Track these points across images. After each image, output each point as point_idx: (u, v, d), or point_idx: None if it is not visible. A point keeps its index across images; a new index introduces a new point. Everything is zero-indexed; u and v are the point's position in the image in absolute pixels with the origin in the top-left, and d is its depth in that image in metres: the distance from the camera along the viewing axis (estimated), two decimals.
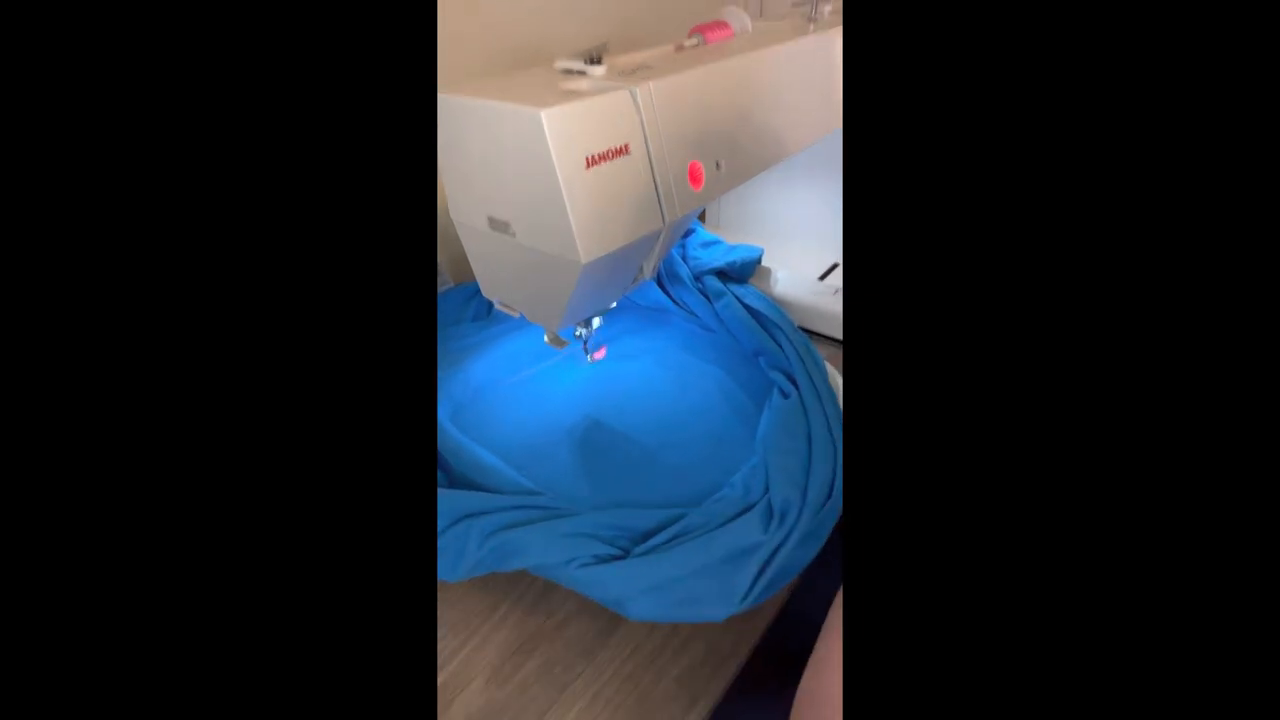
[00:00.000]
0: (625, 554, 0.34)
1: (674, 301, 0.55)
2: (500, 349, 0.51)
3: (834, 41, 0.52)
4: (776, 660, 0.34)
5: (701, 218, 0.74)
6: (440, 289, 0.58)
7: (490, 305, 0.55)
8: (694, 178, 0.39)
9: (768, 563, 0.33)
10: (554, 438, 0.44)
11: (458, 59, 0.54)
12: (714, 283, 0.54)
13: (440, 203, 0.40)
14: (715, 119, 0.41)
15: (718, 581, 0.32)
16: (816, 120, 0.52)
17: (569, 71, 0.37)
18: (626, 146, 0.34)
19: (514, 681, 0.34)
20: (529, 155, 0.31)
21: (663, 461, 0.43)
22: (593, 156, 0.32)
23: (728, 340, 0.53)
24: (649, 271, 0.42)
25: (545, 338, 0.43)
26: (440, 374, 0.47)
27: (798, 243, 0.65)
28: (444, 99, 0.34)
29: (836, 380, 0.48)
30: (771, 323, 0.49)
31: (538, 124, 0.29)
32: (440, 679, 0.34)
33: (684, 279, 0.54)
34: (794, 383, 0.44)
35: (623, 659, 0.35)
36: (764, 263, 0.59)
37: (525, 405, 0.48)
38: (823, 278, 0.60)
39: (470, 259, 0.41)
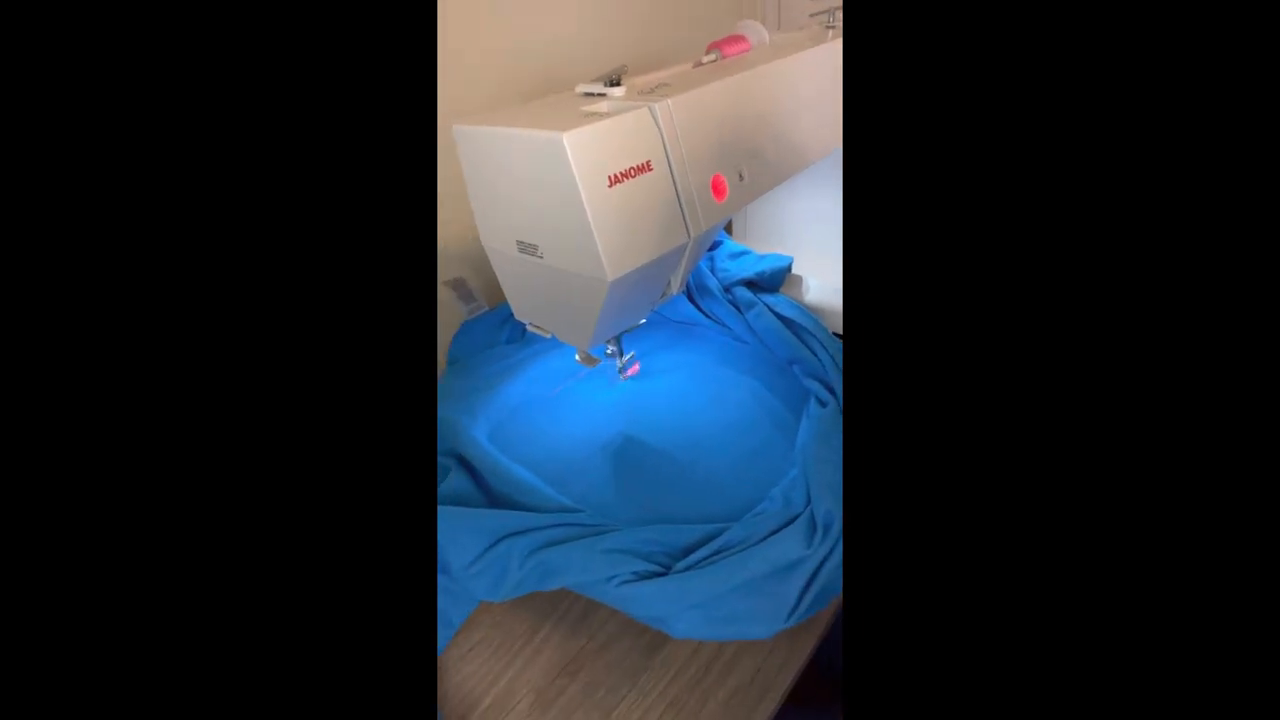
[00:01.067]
0: (666, 570, 0.33)
1: (705, 314, 0.55)
2: (535, 369, 0.51)
3: None
4: (828, 680, 0.33)
5: (729, 229, 0.73)
6: (476, 313, 0.59)
7: (524, 328, 0.56)
8: (717, 190, 0.39)
9: (813, 577, 0.32)
10: (589, 455, 0.44)
11: (481, 92, 0.56)
12: (744, 293, 0.53)
13: (471, 229, 0.41)
14: (736, 131, 0.41)
15: (762, 598, 0.31)
16: (839, 126, 0.52)
17: (590, 95, 0.38)
18: (648, 164, 0.34)
19: (558, 705, 0.34)
20: (553, 178, 0.31)
21: (699, 475, 0.42)
22: (615, 175, 0.32)
23: (761, 350, 0.52)
24: (677, 286, 0.42)
25: (576, 356, 0.43)
26: (478, 396, 0.48)
27: (829, 250, 0.64)
28: (469, 130, 0.35)
29: None
30: (805, 330, 0.48)
31: (560, 147, 0.30)
32: (485, 703, 0.34)
33: (714, 291, 0.54)
34: (831, 390, 0.43)
35: (667, 681, 0.34)
36: (795, 271, 0.58)
37: (560, 424, 0.48)
38: None
39: (501, 283, 0.42)
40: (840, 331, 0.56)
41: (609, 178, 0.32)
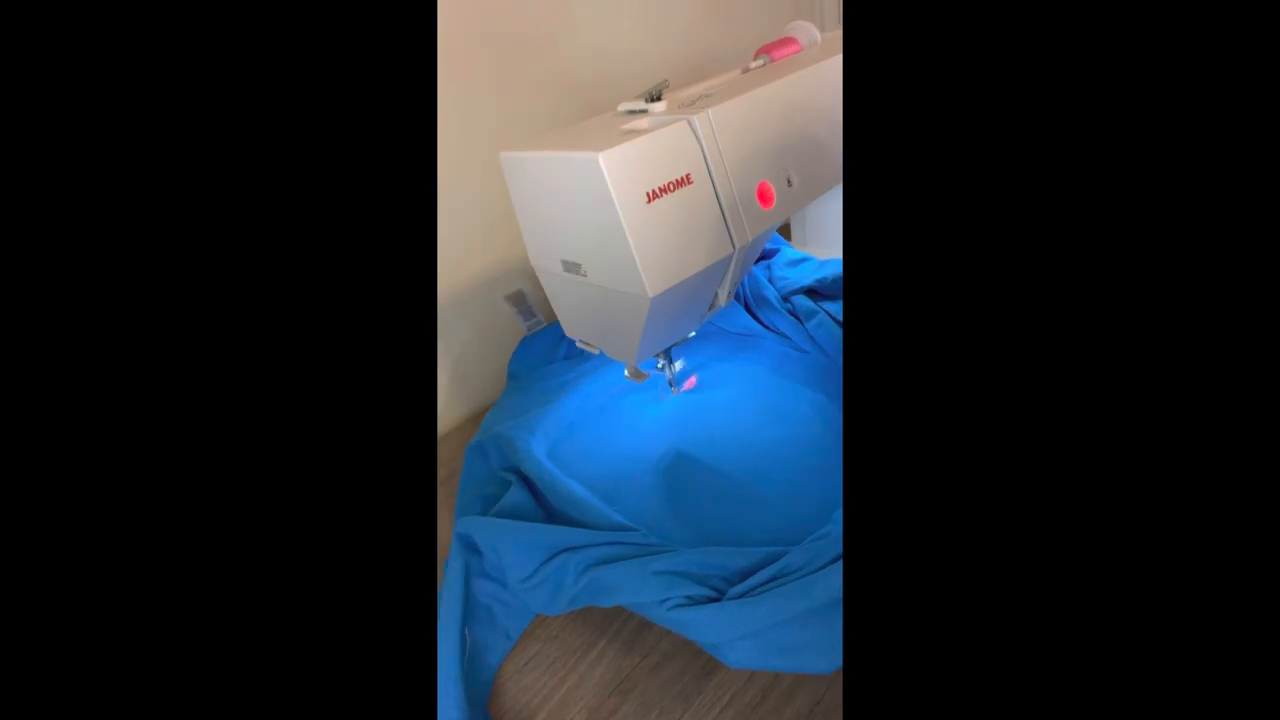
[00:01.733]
0: (720, 595, 0.32)
1: (763, 325, 0.54)
2: (591, 385, 0.52)
3: None
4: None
5: (786, 233, 0.71)
6: (535, 329, 0.61)
7: None
8: (764, 197, 0.38)
9: None
10: (639, 472, 0.44)
11: (540, 117, 0.57)
12: (804, 301, 0.51)
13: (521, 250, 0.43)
14: (782, 135, 0.39)
15: (820, 630, 0.30)
16: None
17: (631, 112, 0.38)
18: (688, 176, 0.34)
19: None
20: (592, 198, 0.32)
21: (755, 494, 0.40)
22: (654, 191, 0.32)
23: (824, 361, 0.50)
24: (724, 298, 0.41)
25: (625, 372, 0.43)
26: (535, 411, 0.49)
27: None
28: (514, 156, 0.36)
29: None
30: None
31: (596, 167, 0.30)
32: (539, 717, 0.35)
33: (771, 300, 0.52)
34: None
35: (721, 706, 0.33)
36: None
37: (614, 440, 0.48)
38: None
39: (551, 301, 0.43)
40: None
41: (647, 194, 0.32)
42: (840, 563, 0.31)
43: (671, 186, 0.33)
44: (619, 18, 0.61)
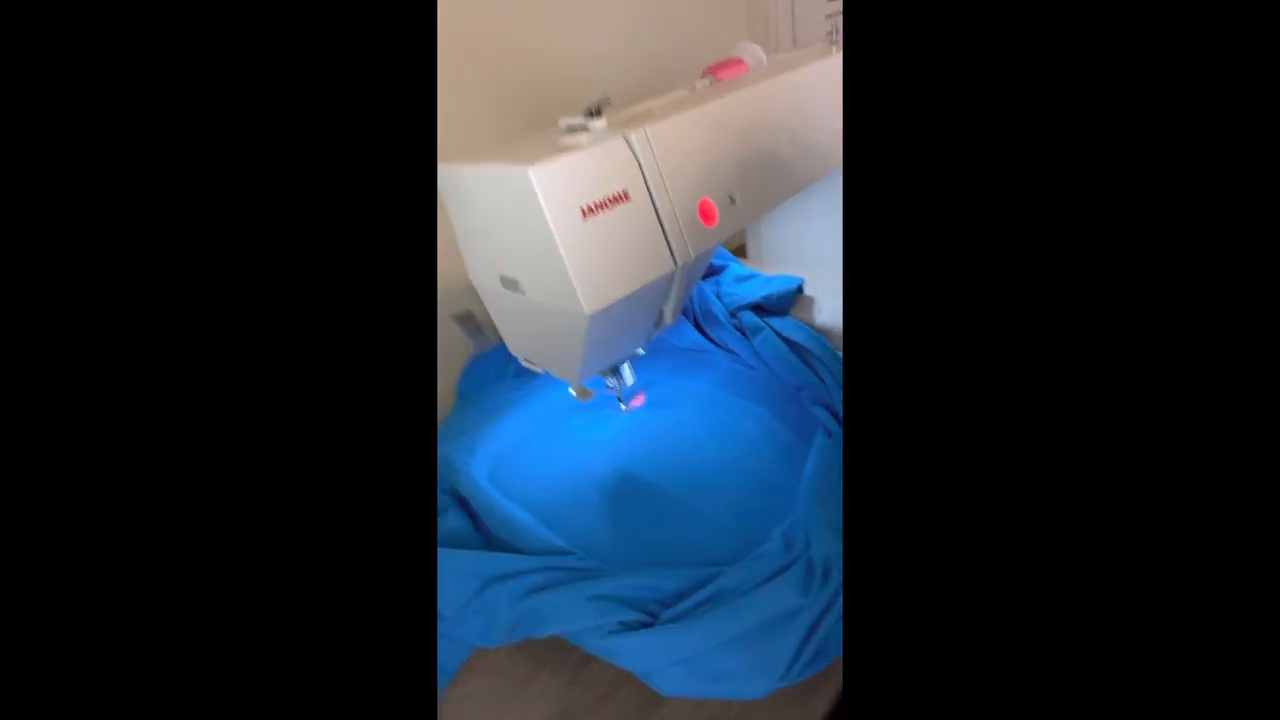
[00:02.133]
0: (653, 620, 0.31)
1: (712, 341, 0.53)
2: (537, 403, 0.51)
3: None
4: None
5: (742, 251, 0.72)
6: (484, 348, 0.59)
7: None
8: (705, 215, 0.38)
9: (812, 630, 0.29)
10: (583, 492, 0.43)
11: (474, 131, 0.57)
12: (750, 318, 0.51)
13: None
14: (724, 153, 0.40)
15: (755, 653, 0.29)
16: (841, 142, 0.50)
17: (572, 128, 0.38)
18: (625, 193, 0.33)
19: None
20: (526, 213, 0.31)
21: (699, 512, 0.40)
22: (589, 207, 0.32)
23: (770, 377, 0.50)
24: (670, 315, 0.41)
25: (570, 390, 0.42)
26: (478, 432, 0.47)
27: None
28: (450, 169, 0.35)
29: None
30: (812, 354, 0.46)
31: (528, 182, 0.30)
32: None
33: (719, 317, 0.52)
34: (838, 418, 0.40)
35: None
36: (809, 291, 0.56)
37: (557, 460, 0.47)
38: None
39: (493, 319, 0.42)
40: None
41: (582, 210, 0.31)
42: (773, 583, 0.31)
43: (609, 203, 0.32)
44: (571, 35, 0.61)
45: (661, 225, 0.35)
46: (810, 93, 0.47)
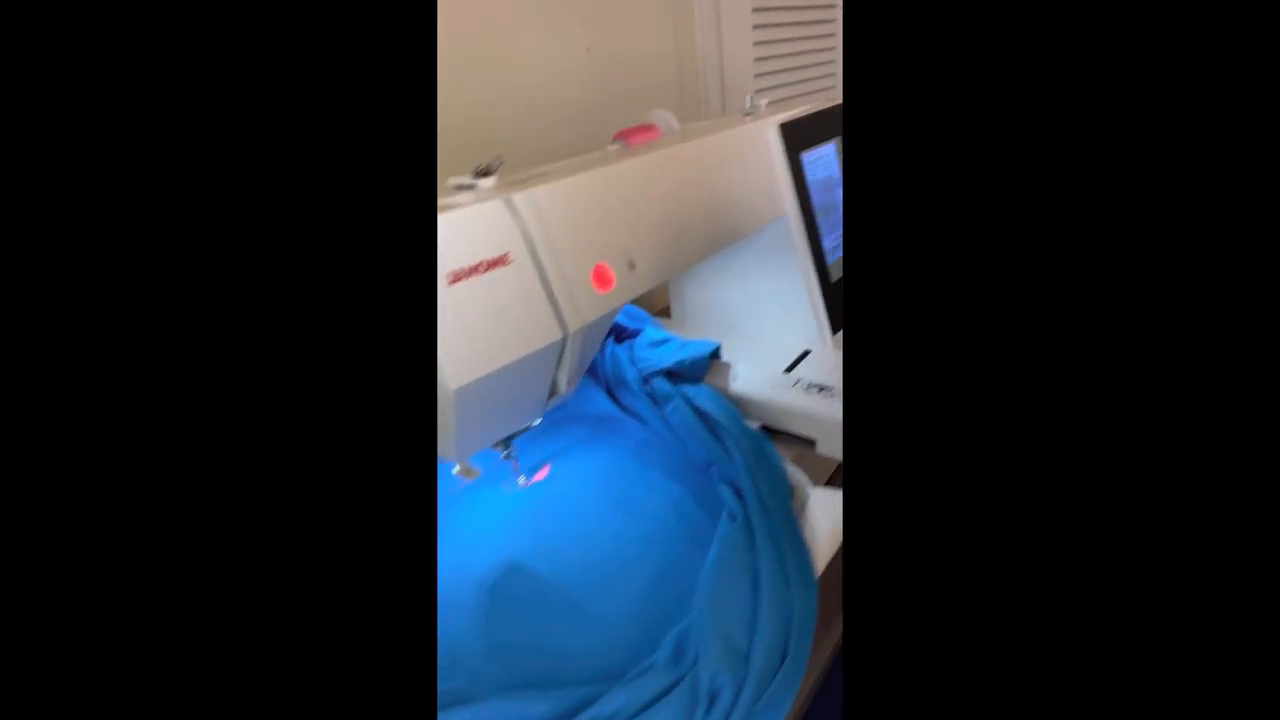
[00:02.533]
0: None
1: (623, 409, 0.50)
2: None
3: (768, 130, 0.51)
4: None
5: (667, 312, 0.70)
6: None
7: None
8: (601, 280, 0.36)
9: None
10: (460, 594, 0.37)
11: None
12: (662, 385, 0.49)
13: None
14: (624, 217, 0.38)
15: None
16: (754, 209, 0.50)
17: (460, 187, 0.35)
18: (505, 256, 0.31)
19: None
20: None
21: (592, 614, 0.35)
22: (459, 271, 0.29)
23: (681, 449, 0.47)
24: (566, 385, 0.37)
25: (454, 470, 0.38)
26: None
27: (762, 334, 0.61)
28: None
29: (804, 491, 0.41)
30: (721, 426, 0.44)
31: None
32: None
33: (630, 383, 0.50)
34: (743, 499, 0.38)
35: None
36: (725, 356, 0.54)
37: (442, 546, 0.41)
38: (790, 369, 0.55)
39: None
40: (767, 424, 0.51)
41: (450, 274, 0.28)
42: (650, 709, 0.26)
43: (483, 267, 0.30)
44: (494, 96, 0.60)
45: (549, 291, 0.33)
46: (721, 159, 0.46)
